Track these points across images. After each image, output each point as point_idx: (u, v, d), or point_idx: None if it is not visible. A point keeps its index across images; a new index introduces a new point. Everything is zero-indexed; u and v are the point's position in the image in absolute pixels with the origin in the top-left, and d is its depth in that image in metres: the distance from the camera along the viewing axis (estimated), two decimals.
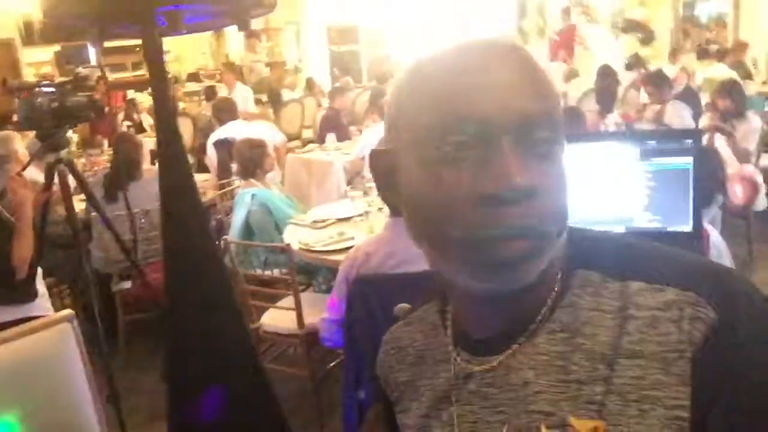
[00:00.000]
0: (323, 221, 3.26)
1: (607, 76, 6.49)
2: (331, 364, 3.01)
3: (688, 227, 1.52)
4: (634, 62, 7.74)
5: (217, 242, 3.78)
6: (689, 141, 1.53)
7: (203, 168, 5.36)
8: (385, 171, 0.67)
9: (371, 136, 4.65)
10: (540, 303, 0.63)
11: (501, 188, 0.54)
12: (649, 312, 0.58)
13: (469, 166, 0.56)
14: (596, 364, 0.58)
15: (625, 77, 7.13)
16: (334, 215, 3.34)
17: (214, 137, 5.04)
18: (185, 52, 11.20)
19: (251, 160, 3.63)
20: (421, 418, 0.71)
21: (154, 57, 1.46)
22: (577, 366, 0.59)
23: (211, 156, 5.01)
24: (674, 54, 8.55)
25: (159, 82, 1.53)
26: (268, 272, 3.11)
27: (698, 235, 1.51)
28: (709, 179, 2.15)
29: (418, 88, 0.61)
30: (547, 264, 0.60)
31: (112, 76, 8.81)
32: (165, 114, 1.62)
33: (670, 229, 1.56)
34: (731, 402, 0.54)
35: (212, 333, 1.73)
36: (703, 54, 8.23)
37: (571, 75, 7.36)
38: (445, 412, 0.68)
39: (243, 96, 6.94)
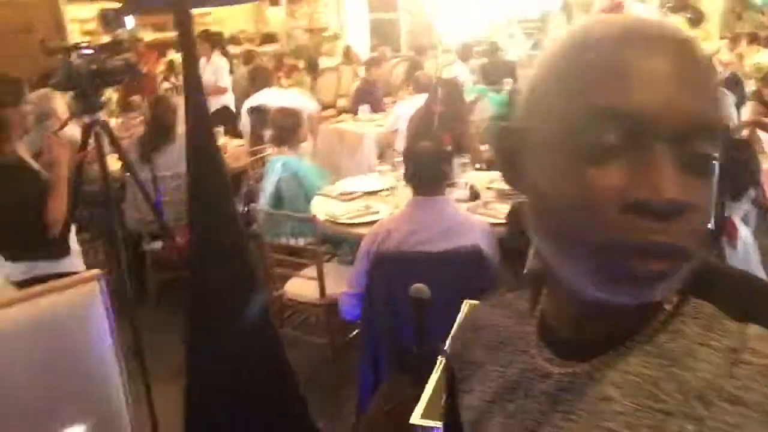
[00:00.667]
0: (350, 194, 3.29)
1: None
2: (351, 334, 3.06)
3: (710, 225, 1.49)
4: None
5: (244, 208, 3.86)
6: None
7: (237, 133, 5.41)
8: (510, 149, 0.61)
9: (405, 109, 4.63)
10: (644, 321, 0.59)
11: (652, 197, 0.49)
12: (765, 360, 0.54)
13: (619, 167, 0.51)
14: (691, 400, 0.54)
15: None
16: (362, 188, 3.36)
17: (248, 104, 5.07)
18: (227, 15, 11.23)
19: (285, 128, 3.66)
20: (485, 403, 0.69)
21: (183, 28, 1.48)
22: (668, 396, 0.55)
23: (245, 122, 5.05)
24: (734, 40, 8.21)
25: (188, 53, 1.55)
26: (293, 241, 3.16)
27: (721, 234, 1.48)
28: (741, 173, 2.10)
29: (572, 69, 0.55)
30: None
31: (152, 36, 8.88)
32: (193, 83, 1.65)
33: None
34: None
35: (228, 291, 1.80)
36: (752, 39, 7.93)
37: None
38: (512, 404, 0.66)
39: (215, 68, 6.32)
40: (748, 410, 0.52)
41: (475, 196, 3.12)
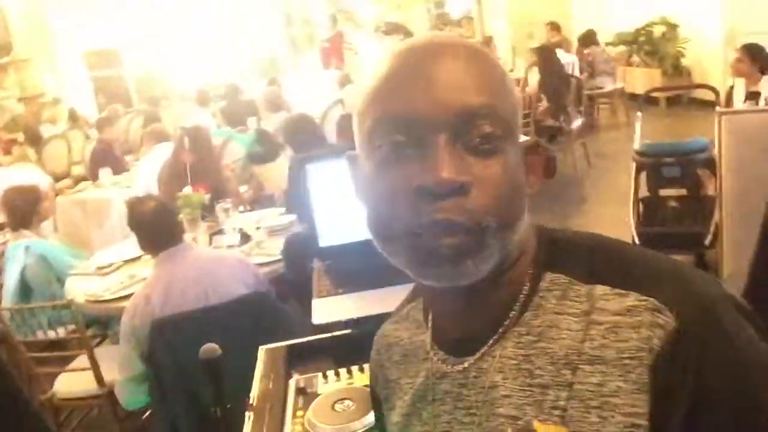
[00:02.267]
0: (108, 266, 3.01)
1: None
2: (144, 416, 2.80)
3: None
4: None
5: None
6: None
7: None
8: (354, 169, 0.67)
9: (151, 164, 4.38)
10: (509, 305, 0.63)
11: (430, 181, 0.56)
12: (611, 317, 0.58)
13: (409, 163, 0.58)
14: (560, 368, 0.59)
15: None
16: (120, 258, 3.10)
17: None
18: None
19: (22, 208, 3.26)
20: (404, 417, 0.72)
21: None
22: (542, 370, 0.60)
23: None
24: None
25: None
26: (53, 333, 2.80)
27: None
28: None
29: (367, 87, 0.62)
30: (501, 261, 0.60)
31: None
32: None
33: None
34: (692, 411, 0.54)
35: None
36: None
37: (345, 81, 7.57)
38: (425, 411, 0.69)
39: None
40: (607, 367, 0.57)
41: (245, 239, 3.06)
